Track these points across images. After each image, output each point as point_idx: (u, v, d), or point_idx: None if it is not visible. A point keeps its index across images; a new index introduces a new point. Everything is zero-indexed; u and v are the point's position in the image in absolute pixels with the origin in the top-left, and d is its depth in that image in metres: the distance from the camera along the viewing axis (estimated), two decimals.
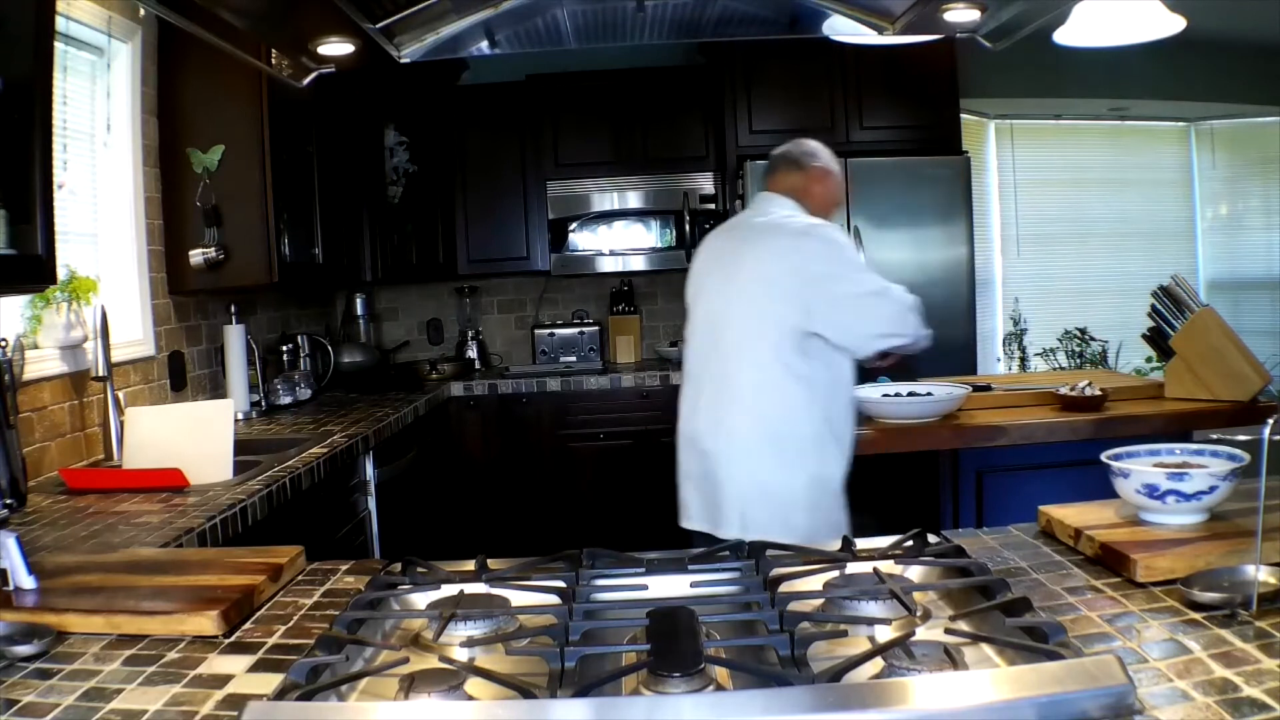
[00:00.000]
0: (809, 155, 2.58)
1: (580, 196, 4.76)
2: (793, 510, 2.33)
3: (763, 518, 2.34)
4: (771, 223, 2.47)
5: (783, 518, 2.32)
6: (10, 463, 1.68)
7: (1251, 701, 0.88)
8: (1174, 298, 2.89)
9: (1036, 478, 2.77)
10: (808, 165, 2.56)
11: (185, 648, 1.19)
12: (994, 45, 1.78)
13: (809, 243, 2.39)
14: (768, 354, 2.36)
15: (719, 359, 2.45)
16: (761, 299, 2.37)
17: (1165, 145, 5.69)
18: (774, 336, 2.36)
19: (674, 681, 0.99)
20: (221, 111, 3.19)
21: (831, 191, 2.58)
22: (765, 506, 2.35)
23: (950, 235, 4.35)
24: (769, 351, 2.36)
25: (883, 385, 2.97)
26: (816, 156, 2.58)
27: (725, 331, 2.44)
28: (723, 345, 2.44)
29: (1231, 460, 1.44)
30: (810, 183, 2.55)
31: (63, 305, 2.53)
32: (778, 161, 2.61)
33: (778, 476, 2.35)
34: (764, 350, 2.37)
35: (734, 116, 4.50)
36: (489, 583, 1.35)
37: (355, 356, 4.42)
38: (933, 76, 4.46)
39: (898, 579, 1.30)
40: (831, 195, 2.58)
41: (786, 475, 2.35)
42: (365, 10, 1.54)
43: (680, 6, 1.77)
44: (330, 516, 2.78)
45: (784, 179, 2.57)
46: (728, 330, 2.44)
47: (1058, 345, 5.22)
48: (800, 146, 2.61)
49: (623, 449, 4.48)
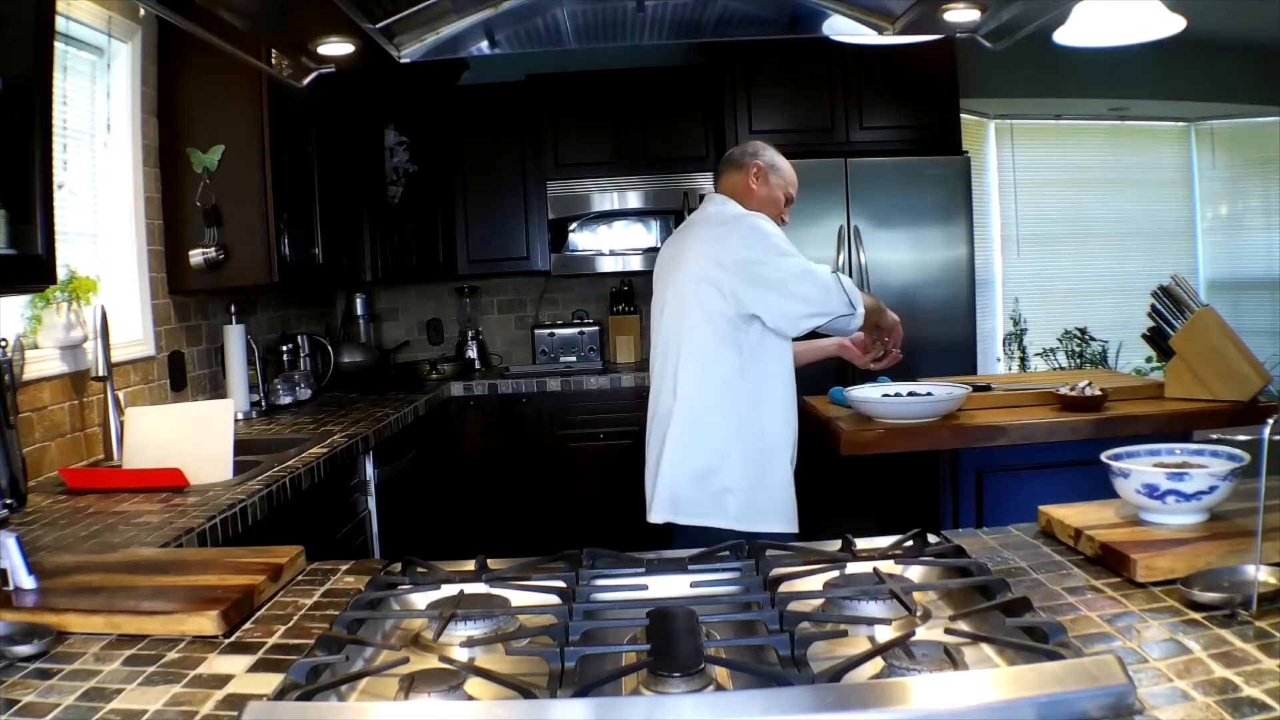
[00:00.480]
0: (749, 154, 2.64)
1: (580, 196, 4.76)
2: (724, 495, 2.42)
3: (695, 500, 2.43)
4: (704, 217, 2.58)
5: (714, 500, 2.42)
6: (10, 463, 1.68)
7: (1251, 701, 0.88)
8: (1174, 298, 2.89)
9: (1036, 478, 2.77)
10: (746, 163, 2.62)
11: (185, 648, 1.19)
12: (994, 45, 1.78)
13: (731, 231, 2.47)
14: (699, 343, 2.45)
15: (660, 354, 2.57)
16: (691, 291, 2.46)
17: (1165, 145, 5.69)
18: (704, 325, 2.44)
19: (674, 681, 0.99)
20: (221, 111, 3.19)
21: (774, 188, 2.62)
22: (696, 489, 2.44)
23: (950, 235, 4.35)
24: (700, 341, 2.45)
25: (883, 385, 2.97)
26: (757, 155, 2.63)
27: (664, 328, 2.55)
28: (663, 340, 2.55)
29: (1231, 460, 1.44)
30: (749, 180, 2.60)
31: (63, 305, 2.53)
32: (723, 163, 2.70)
33: (707, 461, 2.44)
34: (695, 340, 2.46)
35: (734, 116, 4.50)
36: (489, 583, 1.36)
37: (355, 356, 4.42)
38: (933, 76, 4.46)
39: (898, 579, 1.30)
40: (773, 192, 2.62)
41: (717, 460, 2.43)
42: (365, 10, 1.54)
43: (680, 6, 1.77)
44: (330, 516, 2.78)
45: (728, 179, 2.65)
46: (666, 326, 2.55)
47: (1058, 345, 5.22)
48: (744, 146, 2.69)
49: (623, 449, 4.47)
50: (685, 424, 2.46)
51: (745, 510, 2.41)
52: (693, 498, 2.44)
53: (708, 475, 2.44)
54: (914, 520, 1.59)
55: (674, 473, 2.46)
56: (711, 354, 2.45)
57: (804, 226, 4.20)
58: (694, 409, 2.46)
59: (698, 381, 2.46)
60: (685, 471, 2.45)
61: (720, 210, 2.57)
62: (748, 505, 2.42)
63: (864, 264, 4.27)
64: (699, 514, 2.42)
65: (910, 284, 4.32)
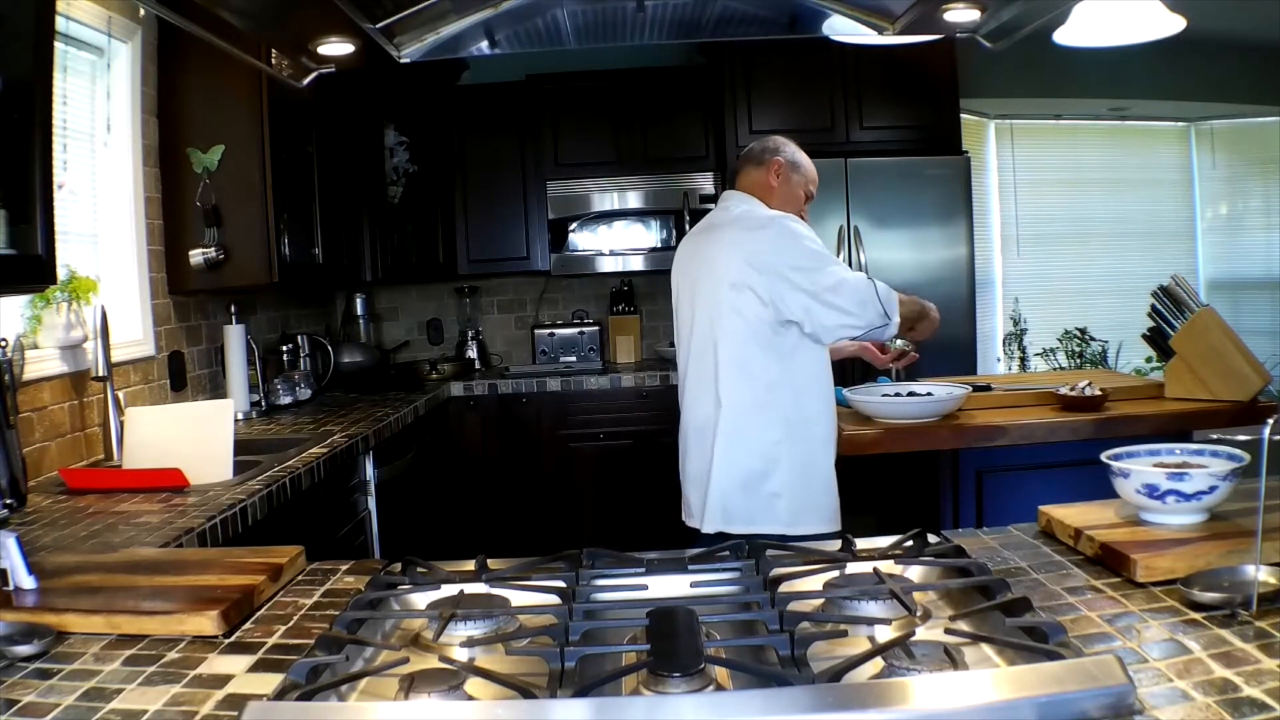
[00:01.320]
0: (769, 150, 2.59)
1: (580, 196, 4.76)
2: (774, 500, 2.39)
3: (745, 508, 2.39)
4: (731, 219, 2.51)
5: (765, 506, 2.38)
6: (10, 463, 1.68)
7: (1251, 701, 0.88)
8: (1174, 298, 2.89)
9: (1036, 478, 2.77)
10: (767, 160, 2.57)
11: (185, 648, 1.19)
12: (994, 45, 1.78)
13: (765, 234, 2.42)
14: (738, 349, 2.41)
15: (695, 360, 2.51)
16: (726, 296, 2.41)
17: (1165, 145, 5.69)
18: (743, 331, 2.40)
19: (674, 681, 0.99)
20: (221, 111, 3.19)
21: (794, 186, 2.58)
22: (746, 497, 2.40)
23: (950, 235, 4.35)
24: (739, 347, 2.41)
25: (883, 385, 2.97)
26: (778, 151, 2.58)
27: (697, 334, 2.50)
28: (697, 347, 2.50)
29: (1231, 460, 1.44)
30: (769, 177, 2.56)
31: (63, 305, 2.53)
32: (742, 159, 2.64)
33: (757, 467, 2.40)
34: (734, 346, 2.41)
35: (734, 116, 4.50)
36: (489, 583, 1.35)
37: (355, 356, 4.42)
38: (933, 76, 4.46)
39: (898, 579, 1.30)
40: (794, 190, 2.58)
41: (766, 465, 2.39)
42: (365, 10, 1.54)
43: (680, 6, 1.77)
44: (330, 516, 2.78)
45: (746, 176, 2.60)
46: (699, 332, 2.49)
47: (1058, 345, 5.22)
48: (764, 143, 2.62)
49: (623, 449, 4.48)
50: (731, 432, 2.41)
51: (795, 513, 2.38)
52: (743, 505, 2.40)
53: (757, 482, 2.39)
54: (914, 520, 1.59)
55: (724, 482, 2.41)
56: (753, 359, 2.39)
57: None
58: (739, 416, 2.41)
59: (741, 388, 2.41)
60: (735, 479, 2.40)
61: (749, 211, 2.50)
62: (797, 508, 2.39)
63: (864, 264, 4.27)
64: (749, 521, 2.37)
65: (910, 284, 4.26)
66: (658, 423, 4.24)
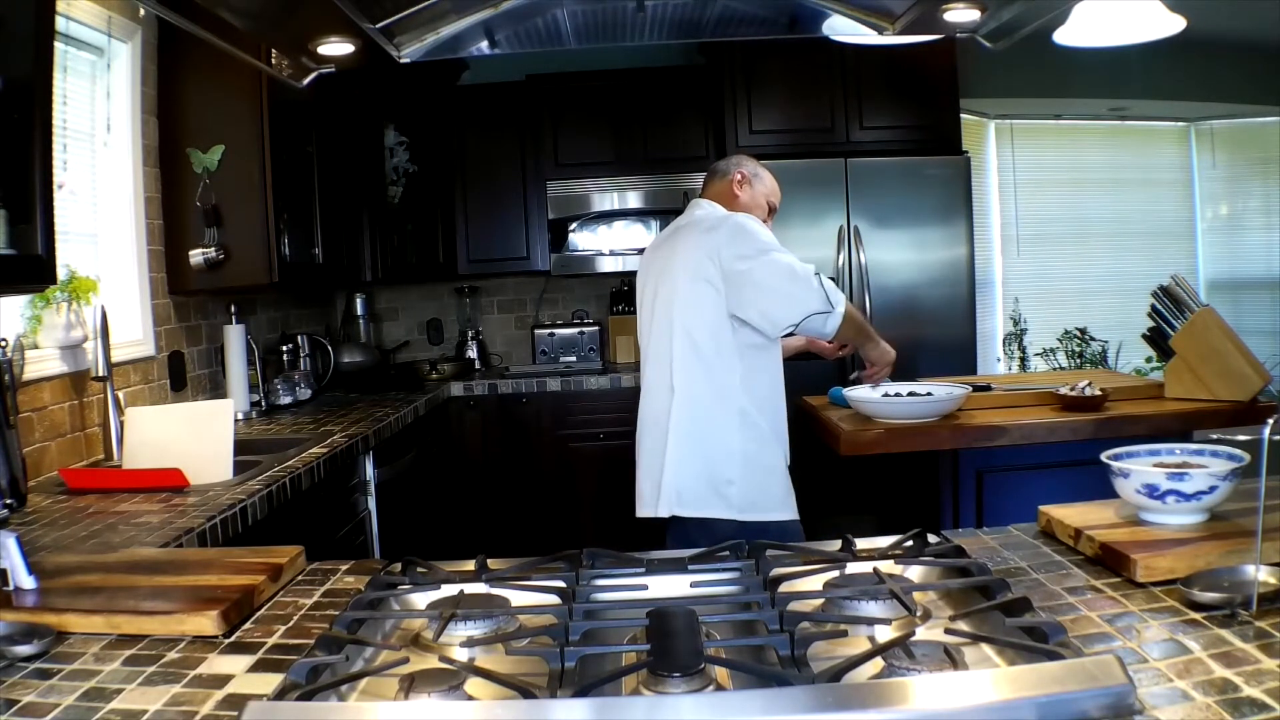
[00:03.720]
0: (733, 164, 2.74)
1: (580, 196, 4.76)
2: (727, 487, 2.47)
3: (699, 494, 2.48)
4: (692, 220, 2.64)
5: (717, 493, 2.47)
6: (10, 463, 1.68)
7: (1251, 701, 0.88)
8: (1174, 298, 2.89)
9: (1036, 478, 2.77)
10: (730, 172, 2.71)
11: (185, 648, 1.19)
12: (994, 45, 1.78)
13: (721, 228, 2.51)
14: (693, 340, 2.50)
15: (653, 354, 2.60)
16: (684, 289, 2.51)
17: (1165, 145, 5.69)
18: (698, 322, 2.49)
19: (674, 681, 0.99)
20: (221, 111, 3.19)
21: (757, 195, 2.70)
22: (699, 483, 2.48)
23: (950, 235, 4.35)
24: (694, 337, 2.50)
25: (883, 385, 2.97)
26: (741, 164, 2.73)
27: (656, 328, 2.59)
28: (655, 340, 2.59)
29: (1231, 460, 1.44)
30: (733, 186, 2.69)
31: (63, 305, 2.53)
32: (708, 174, 2.79)
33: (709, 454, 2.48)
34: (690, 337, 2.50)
35: (734, 116, 4.49)
36: (489, 583, 1.36)
37: (355, 356, 4.42)
38: (933, 76, 4.46)
39: (898, 579, 1.30)
40: (756, 199, 2.70)
41: (719, 453, 2.48)
42: (365, 10, 1.54)
43: (680, 6, 1.77)
44: (330, 516, 2.78)
45: (712, 187, 2.74)
46: (658, 326, 2.58)
47: (1058, 345, 5.22)
48: (728, 159, 2.78)
49: (623, 449, 4.42)
50: (685, 419, 2.49)
51: (747, 500, 2.46)
52: (696, 491, 2.48)
53: (711, 468, 2.47)
54: (914, 520, 1.59)
55: (678, 467, 2.49)
56: (708, 349, 2.48)
57: (804, 226, 4.21)
58: (693, 404, 2.49)
59: (695, 377, 2.50)
60: (689, 466, 2.49)
61: (709, 213, 2.62)
62: (749, 495, 2.46)
63: (864, 264, 4.27)
64: (702, 506, 2.46)
65: (910, 284, 4.32)
66: None
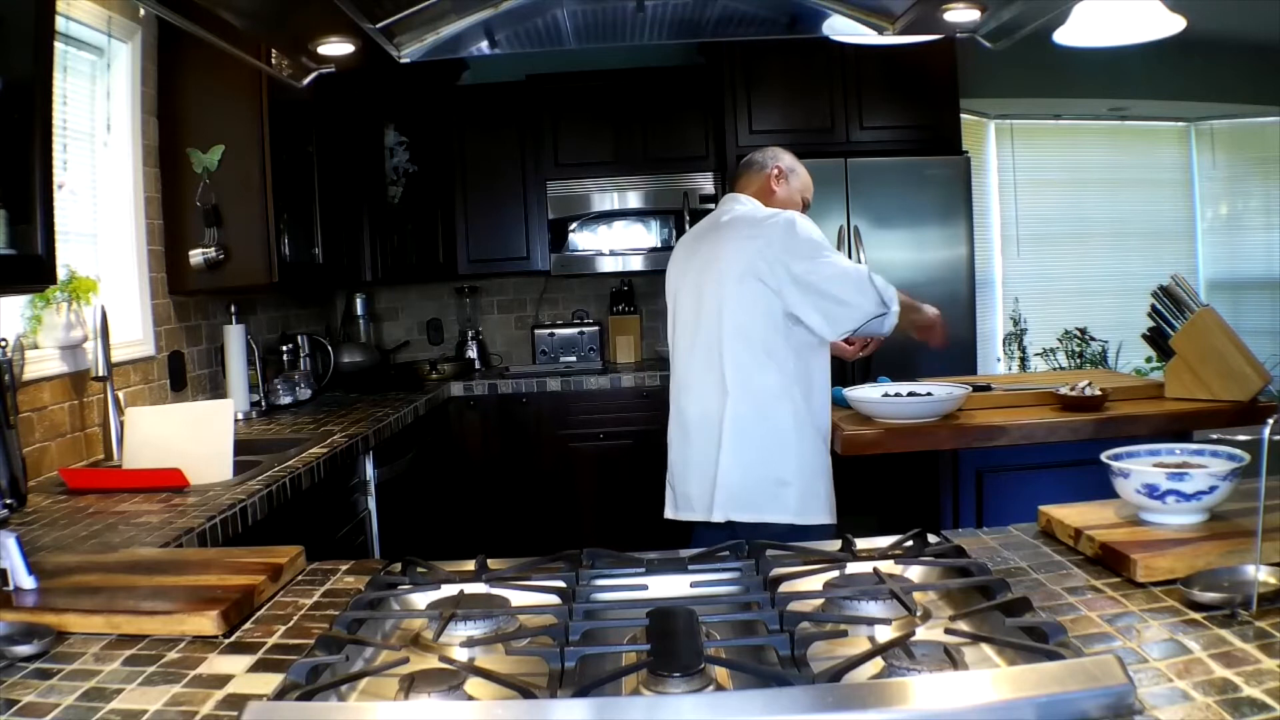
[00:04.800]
0: (771, 157, 2.69)
1: (580, 196, 4.76)
2: (783, 489, 2.43)
3: (754, 497, 2.44)
4: (734, 216, 2.58)
5: (774, 496, 2.43)
6: (10, 463, 1.68)
7: (1251, 701, 0.88)
8: (1174, 298, 2.89)
9: (1036, 478, 2.77)
10: (768, 166, 2.67)
11: (185, 648, 1.19)
12: (994, 45, 1.78)
13: (770, 227, 2.47)
14: (747, 340, 2.45)
15: (701, 354, 2.54)
16: (733, 289, 2.46)
17: (1165, 145, 5.69)
18: (752, 323, 2.45)
19: (674, 681, 0.99)
20: (221, 111, 3.19)
21: (793, 191, 2.67)
22: (755, 486, 2.44)
23: (950, 235, 4.35)
24: (748, 338, 2.45)
25: (883, 385, 2.97)
26: (779, 159, 2.69)
27: (703, 328, 2.53)
28: (703, 340, 2.53)
29: (1231, 460, 1.44)
30: (770, 182, 2.65)
31: (63, 305, 2.53)
32: (742, 166, 2.73)
33: (766, 457, 2.44)
34: (743, 337, 2.46)
35: (734, 116, 4.50)
36: (489, 583, 1.35)
37: (355, 356, 4.42)
38: (933, 76, 4.46)
39: (898, 579, 1.30)
40: (793, 195, 2.67)
41: (776, 455, 2.44)
42: (365, 10, 1.54)
43: (680, 6, 1.77)
44: (330, 516, 2.78)
45: (748, 181, 2.69)
46: (705, 326, 2.52)
47: (1058, 345, 5.22)
48: (765, 152, 2.73)
49: (623, 449, 4.48)
50: (740, 421, 2.44)
51: (803, 503, 2.42)
52: (752, 494, 2.44)
53: (767, 471, 2.43)
54: (914, 520, 1.59)
55: (733, 470, 2.45)
56: (761, 349, 2.44)
57: None
58: (748, 406, 2.44)
59: (750, 378, 2.44)
60: (744, 468, 2.44)
61: (752, 209, 2.56)
62: (806, 498, 2.43)
63: (864, 264, 4.26)
64: (758, 510, 2.42)
65: (910, 284, 4.26)
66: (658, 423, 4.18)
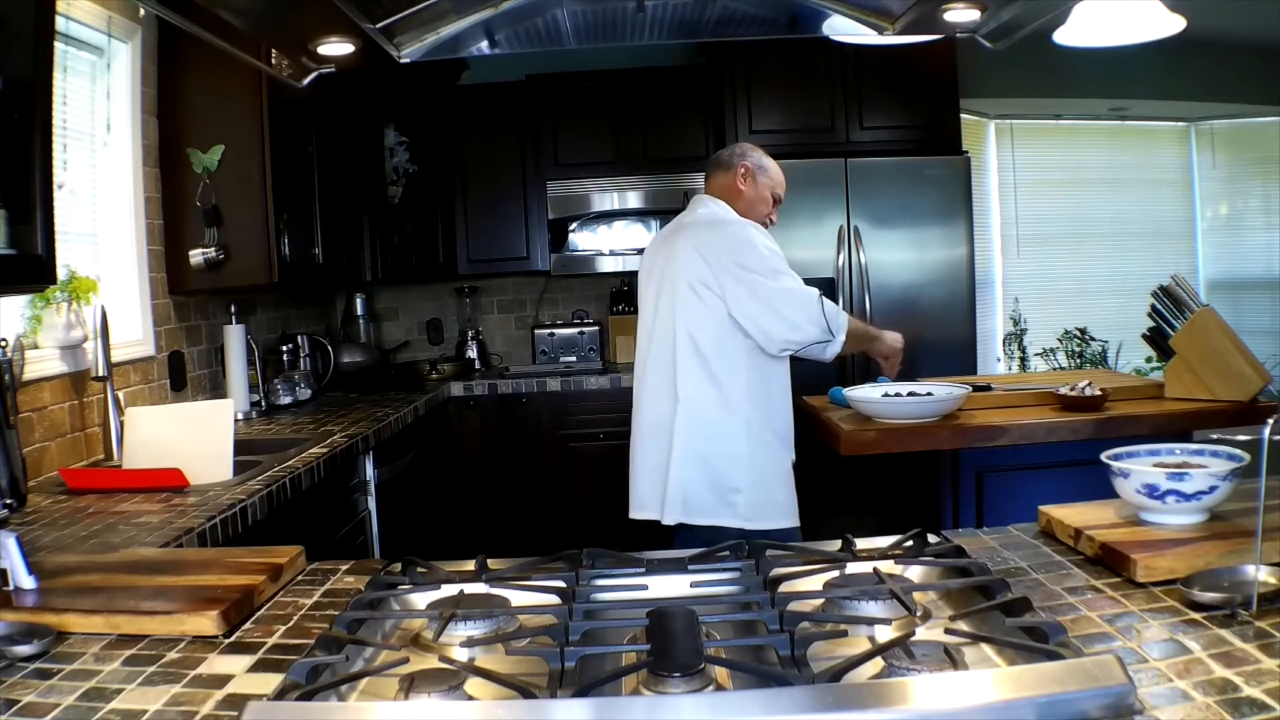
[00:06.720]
0: (736, 155, 2.67)
1: (580, 196, 4.76)
2: (734, 495, 2.45)
3: (706, 500, 2.46)
4: (694, 219, 2.59)
5: (725, 502, 2.46)
6: (10, 463, 1.68)
7: (1251, 701, 0.88)
8: (1174, 298, 2.89)
9: (1036, 478, 2.77)
10: (735, 164, 2.65)
11: (185, 648, 1.19)
12: (994, 45, 1.78)
13: (723, 234, 2.49)
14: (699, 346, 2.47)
15: (654, 358, 2.56)
16: (685, 294, 2.48)
17: (1165, 145, 5.69)
18: (703, 328, 2.47)
19: (674, 681, 0.99)
20: (221, 111, 3.19)
21: (762, 188, 2.65)
22: (706, 491, 2.47)
23: (950, 235, 4.35)
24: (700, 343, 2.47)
25: (883, 385, 2.97)
26: (745, 156, 2.66)
27: (657, 332, 2.56)
28: (656, 344, 2.56)
29: (1231, 460, 1.44)
30: (737, 180, 2.64)
31: (63, 305, 2.53)
32: (711, 164, 2.72)
33: (716, 462, 2.47)
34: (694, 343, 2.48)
35: (734, 116, 4.50)
36: (489, 583, 1.36)
37: (355, 356, 4.42)
38: (933, 76, 4.46)
39: (898, 579, 1.30)
40: (761, 193, 2.65)
41: (726, 461, 2.46)
42: (365, 10, 1.54)
43: (680, 6, 1.77)
44: (330, 516, 2.78)
45: (715, 181, 2.68)
46: (659, 330, 2.55)
47: (1058, 345, 5.22)
48: (731, 148, 2.72)
49: (623, 449, 4.41)
50: (690, 427, 2.47)
51: (754, 509, 2.44)
52: (703, 499, 2.46)
53: (717, 477, 2.46)
54: (914, 520, 1.59)
55: (683, 476, 2.47)
56: (713, 356, 2.45)
57: (804, 226, 4.21)
58: (698, 412, 2.47)
59: (700, 385, 2.47)
60: (695, 474, 2.47)
61: (711, 212, 2.57)
62: (756, 503, 2.45)
63: (864, 264, 4.27)
64: (710, 514, 2.45)
65: (910, 284, 4.32)
66: None
